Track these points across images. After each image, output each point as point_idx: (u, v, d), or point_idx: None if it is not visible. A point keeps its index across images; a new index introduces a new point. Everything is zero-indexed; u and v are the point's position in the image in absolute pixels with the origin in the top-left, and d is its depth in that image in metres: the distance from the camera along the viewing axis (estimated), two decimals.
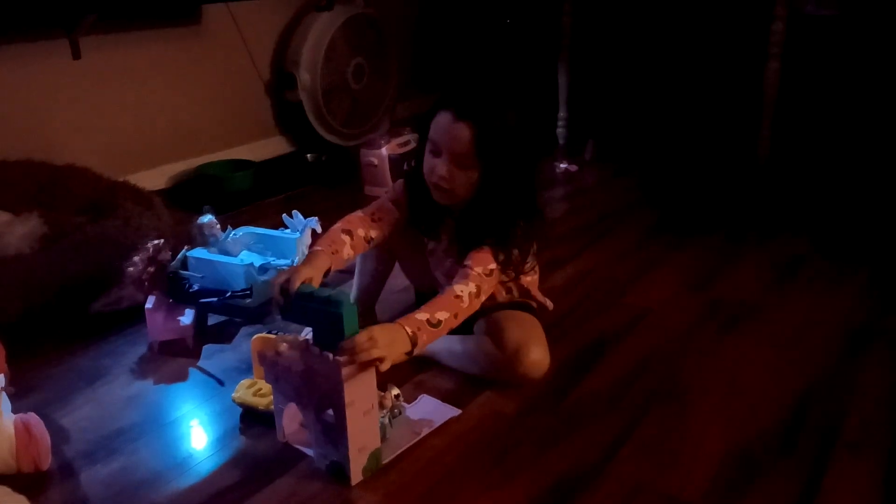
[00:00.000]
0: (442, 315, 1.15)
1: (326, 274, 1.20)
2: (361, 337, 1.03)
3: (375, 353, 1.03)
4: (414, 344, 1.10)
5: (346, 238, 1.27)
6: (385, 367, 1.06)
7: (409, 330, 1.10)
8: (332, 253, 1.23)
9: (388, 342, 1.06)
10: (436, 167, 1.24)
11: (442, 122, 1.22)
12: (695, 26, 2.72)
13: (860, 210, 2.22)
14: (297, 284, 1.10)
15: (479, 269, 1.22)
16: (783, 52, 2.41)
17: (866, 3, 2.43)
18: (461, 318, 1.19)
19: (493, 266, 1.24)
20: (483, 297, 1.23)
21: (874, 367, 1.38)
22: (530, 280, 1.42)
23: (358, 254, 1.31)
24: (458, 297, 1.18)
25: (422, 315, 1.13)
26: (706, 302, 1.65)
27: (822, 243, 1.98)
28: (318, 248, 1.23)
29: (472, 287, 1.20)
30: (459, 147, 1.21)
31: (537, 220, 1.32)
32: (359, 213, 1.34)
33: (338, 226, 1.30)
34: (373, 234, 1.31)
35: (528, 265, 1.37)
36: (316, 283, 1.14)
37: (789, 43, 2.41)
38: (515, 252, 1.29)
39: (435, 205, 1.30)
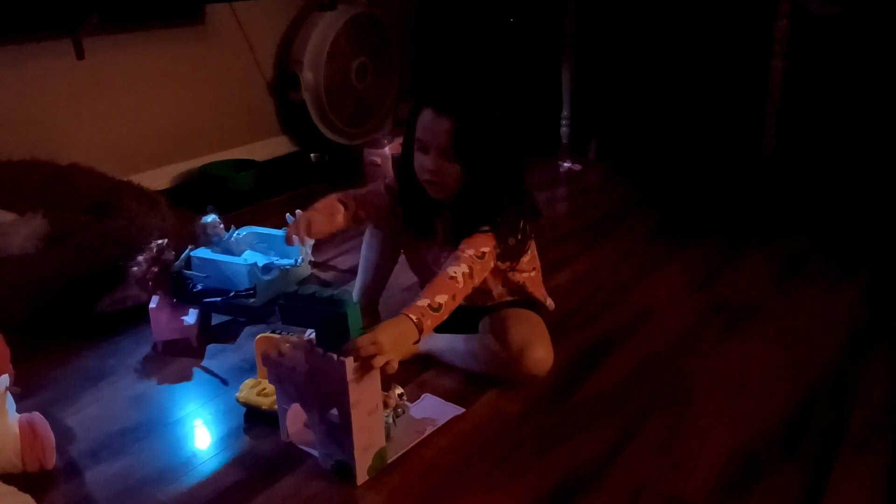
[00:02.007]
0: (441, 298, 1.15)
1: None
2: (364, 341, 1.03)
3: (378, 363, 1.03)
4: (420, 330, 1.11)
5: (341, 206, 1.34)
6: (393, 368, 1.06)
7: (413, 317, 1.11)
8: (335, 211, 1.32)
9: (392, 342, 1.06)
10: (424, 163, 1.26)
11: (425, 119, 1.25)
12: (698, 24, 2.72)
13: (864, 209, 2.21)
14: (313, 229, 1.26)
15: (470, 252, 1.23)
16: (787, 50, 2.40)
17: (871, 1, 2.42)
18: (458, 300, 1.19)
19: (485, 249, 1.24)
20: (476, 279, 1.23)
21: (878, 367, 1.38)
22: (526, 277, 1.41)
23: (345, 227, 1.37)
24: (452, 278, 1.19)
25: (423, 301, 1.14)
26: (710, 301, 1.65)
27: (826, 243, 1.97)
28: (317, 206, 1.31)
29: (464, 268, 1.20)
30: (444, 141, 1.23)
31: (526, 203, 1.32)
32: (351, 191, 1.39)
33: (333, 196, 1.36)
34: (361, 213, 1.38)
35: (527, 258, 1.37)
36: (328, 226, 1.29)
37: (794, 41, 2.40)
38: (512, 240, 1.29)
39: (429, 201, 1.32)
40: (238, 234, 1.79)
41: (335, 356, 1.02)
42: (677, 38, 2.77)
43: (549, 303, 1.48)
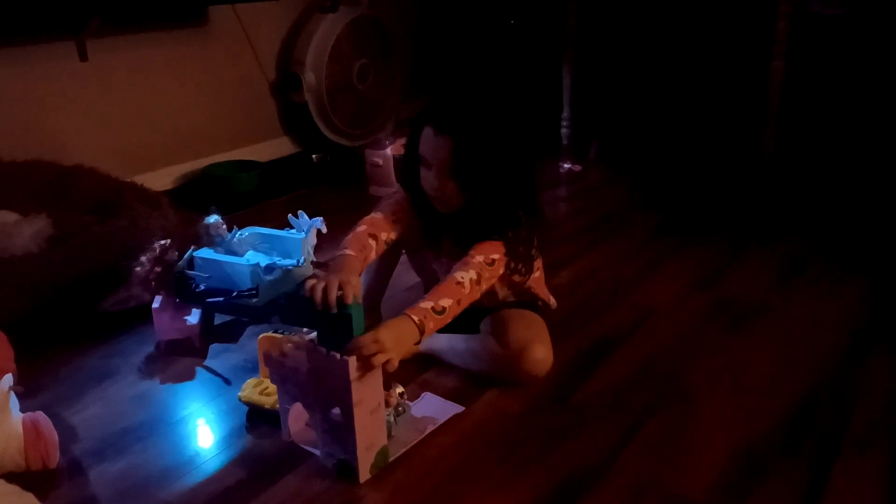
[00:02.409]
0: (445, 302, 1.16)
1: None
2: (366, 340, 1.04)
3: (378, 361, 1.04)
4: (422, 332, 1.12)
5: (373, 243, 1.27)
6: (394, 366, 1.06)
7: (415, 318, 1.11)
8: (363, 259, 1.23)
9: (394, 341, 1.07)
10: (428, 179, 1.26)
11: (425, 137, 1.24)
12: (699, 25, 2.72)
13: (865, 210, 2.22)
14: (349, 295, 1.08)
15: (480, 258, 1.23)
16: (788, 51, 2.40)
17: (871, 2, 2.42)
18: (464, 305, 1.19)
19: (495, 256, 1.25)
20: (484, 286, 1.23)
21: (879, 367, 1.38)
22: (531, 278, 1.42)
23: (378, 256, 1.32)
24: (459, 283, 1.19)
25: (426, 303, 1.15)
26: (711, 302, 1.65)
27: (827, 243, 1.97)
28: (350, 252, 1.21)
29: (472, 274, 1.21)
30: (444, 160, 1.22)
31: (537, 216, 1.32)
32: (378, 215, 1.32)
33: (363, 229, 1.28)
34: (393, 236, 1.32)
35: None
36: (357, 289, 1.11)
37: (794, 42, 2.41)
38: (521, 249, 1.29)
39: (436, 213, 1.31)
40: (241, 234, 1.79)
41: (338, 355, 1.02)
42: (678, 39, 2.78)
43: (552, 301, 1.48)
